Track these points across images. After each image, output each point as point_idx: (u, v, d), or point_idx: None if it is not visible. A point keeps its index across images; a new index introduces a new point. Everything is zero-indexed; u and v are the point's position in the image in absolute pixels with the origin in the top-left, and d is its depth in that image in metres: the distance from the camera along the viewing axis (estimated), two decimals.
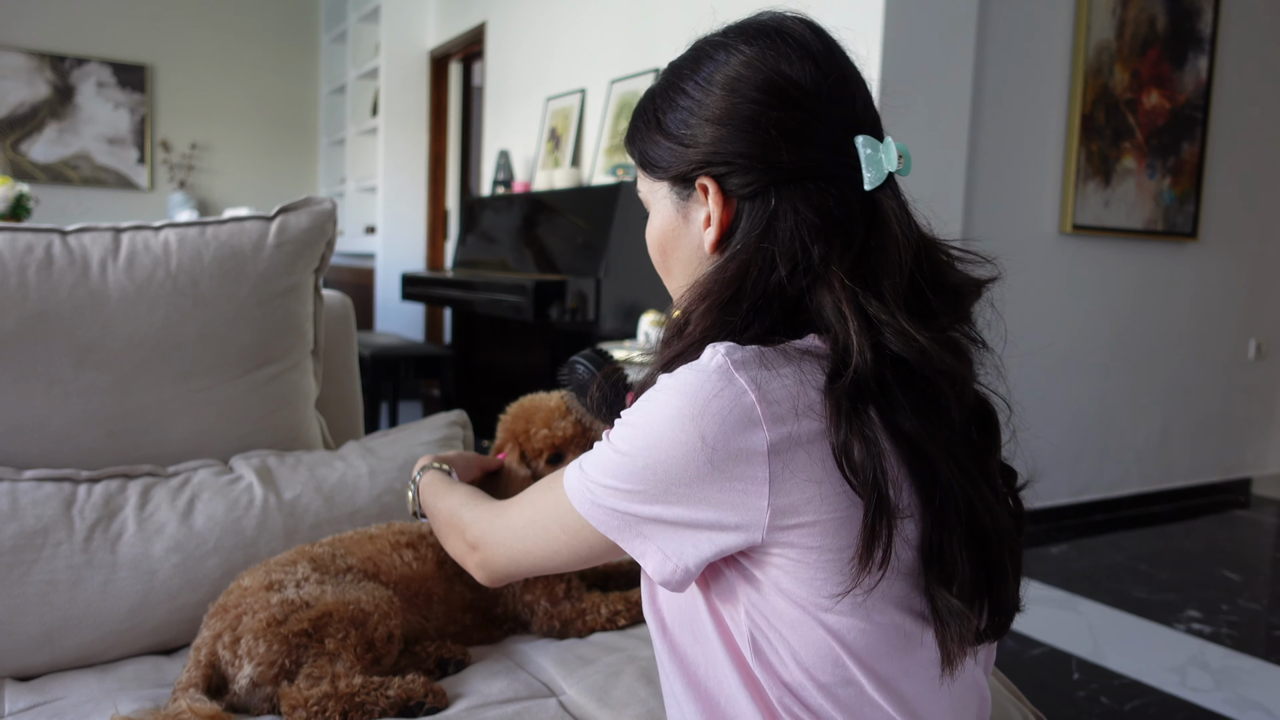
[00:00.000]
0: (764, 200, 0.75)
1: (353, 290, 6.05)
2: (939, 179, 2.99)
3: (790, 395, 0.69)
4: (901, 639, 0.73)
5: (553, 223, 3.98)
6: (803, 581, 0.70)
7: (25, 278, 1.20)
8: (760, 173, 0.74)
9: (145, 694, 1.06)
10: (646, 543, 0.73)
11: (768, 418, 0.68)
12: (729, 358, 0.69)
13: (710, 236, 0.78)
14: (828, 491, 0.69)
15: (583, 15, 4.34)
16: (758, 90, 0.75)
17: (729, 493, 0.69)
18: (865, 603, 0.71)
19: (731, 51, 0.78)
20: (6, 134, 5.90)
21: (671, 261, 0.84)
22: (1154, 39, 3.65)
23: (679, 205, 0.81)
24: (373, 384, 4.10)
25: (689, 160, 0.78)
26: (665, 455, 0.69)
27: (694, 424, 0.68)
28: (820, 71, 0.76)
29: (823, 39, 0.79)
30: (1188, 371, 4.03)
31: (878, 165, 0.74)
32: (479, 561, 0.89)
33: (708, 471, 0.68)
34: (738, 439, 0.67)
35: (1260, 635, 2.63)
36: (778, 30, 0.78)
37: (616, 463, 0.72)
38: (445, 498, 0.98)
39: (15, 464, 1.20)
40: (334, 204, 1.42)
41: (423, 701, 0.99)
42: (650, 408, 0.71)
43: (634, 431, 0.72)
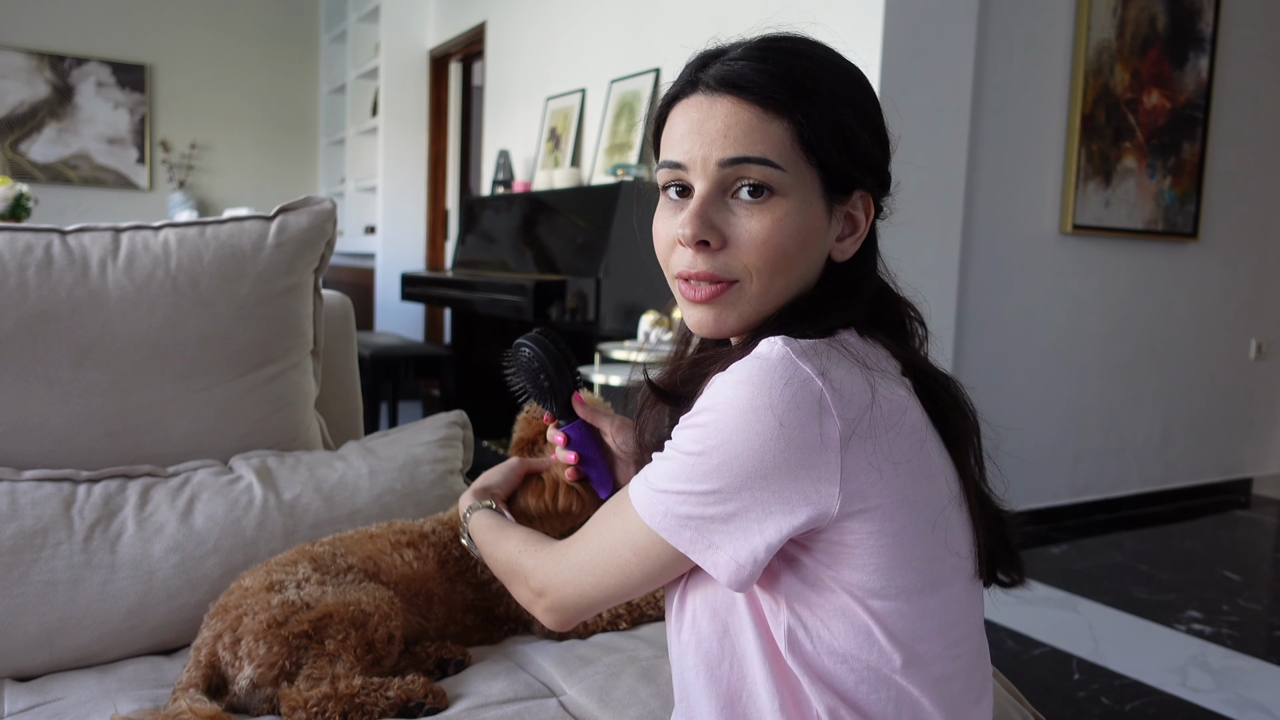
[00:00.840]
0: (878, 219, 0.82)
1: (353, 290, 6.05)
2: (939, 179, 2.99)
3: (855, 382, 0.70)
4: (942, 615, 0.76)
5: (553, 223, 3.98)
6: (857, 567, 0.72)
7: (25, 278, 1.20)
8: (885, 197, 0.82)
9: (145, 694, 1.05)
10: (718, 553, 0.72)
11: (837, 403, 0.69)
12: (788, 347, 0.70)
13: (850, 248, 0.81)
14: (889, 476, 0.70)
15: (583, 15, 4.34)
16: (871, 93, 0.81)
17: (802, 480, 0.69)
18: (917, 584, 0.73)
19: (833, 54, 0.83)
20: (6, 134, 5.90)
21: (796, 265, 0.77)
22: (1154, 39, 3.65)
23: (827, 206, 0.77)
24: (373, 384, 4.10)
25: (874, 165, 0.79)
26: (742, 447, 0.68)
27: (769, 411, 0.68)
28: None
29: None
30: (1188, 371, 4.03)
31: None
32: (548, 606, 0.84)
33: (783, 460, 0.68)
34: (813, 425, 0.68)
35: (1261, 635, 2.63)
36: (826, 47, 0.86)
37: (687, 465, 0.71)
38: (501, 544, 0.92)
39: (15, 464, 1.20)
40: (334, 204, 1.42)
41: (422, 702, 0.99)
42: (718, 402, 0.70)
43: (704, 430, 0.70)
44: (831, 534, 0.71)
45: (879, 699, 0.74)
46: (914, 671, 0.74)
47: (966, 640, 0.78)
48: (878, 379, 0.72)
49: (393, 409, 4.40)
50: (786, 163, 0.74)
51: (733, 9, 3.40)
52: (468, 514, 1.00)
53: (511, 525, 0.95)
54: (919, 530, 0.73)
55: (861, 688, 0.73)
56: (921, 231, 2.94)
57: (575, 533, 0.83)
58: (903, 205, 0.84)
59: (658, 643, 1.16)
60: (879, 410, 0.70)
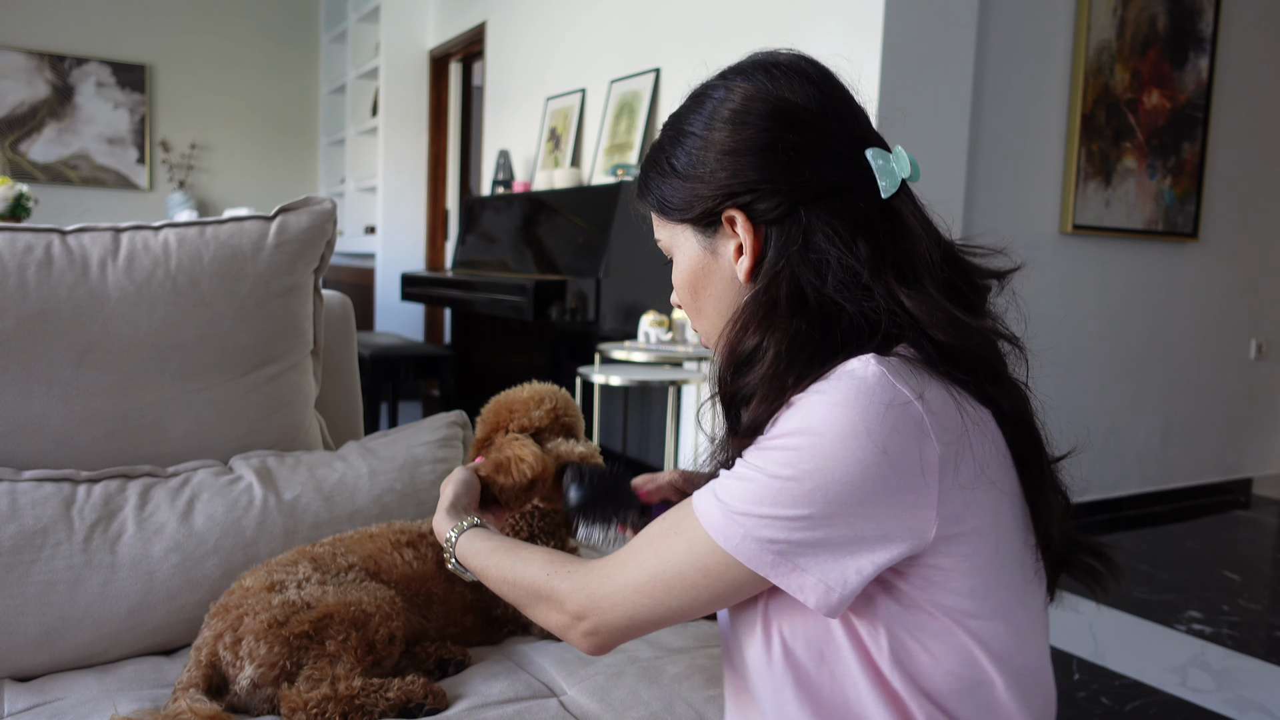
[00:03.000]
0: (794, 219, 0.76)
1: (353, 290, 6.05)
2: (939, 179, 2.99)
3: (946, 402, 0.71)
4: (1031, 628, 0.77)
5: (553, 223, 3.98)
6: (952, 590, 0.72)
7: (25, 278, 1.20)
8: (785, 194, 0.76)
9: (145, 694, 1.05)
10: (804, 575, 0.70)
11: (935, 427, 0.69)
12: (882, 366, 0.70)
13: (745, 265, 0.79)
14: (981, 495, 0.71)
15: (583, 15, 4.34)
16: (765, 118, 0.77)
17: (899, 505, 0.68)
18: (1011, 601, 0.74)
19: (731, 88, 0.80)
20: (6, 134, 5.90)
21: (704, 300, 0.84)
22: (1155, 39, 3.65)
23: (704, 243, 0.82)
24: (373, 384, 4.10)
25: (710, 196, 0.79)
26: (841, 473, 0.67)
27: (871, 438, 0.67)
28: (821, 93, 0.79)
29: (816, 66, 0.82)
30: (1188, 371, 4.03)
31: (891, 174, 0.77)
32: (588, 630, 0.80)
33: (883, 487, 0.68)
34: (915, 450, 0.68)
35: (1261, 636, 2.63)
36: (772, 63, 0.81)
37: (776, 489, 0.69)
38: (516, 566, 0.87)
39: (14, 464, 1.20)
40: (334, 204, 1.42)
41: (423, 703, 0.99)
42: (813, 424, 0.69)
43: (796, 454, 0.69)
44: (927, 558, 0.71)
45: (980, 713, 0.75)
46: (1012, 685, 0.75)
47: (1046, 647, 0.80)
48: (960, 396, 0.72)
49: (393, 409, 4.40)
50: (659, 230, 0.86)
51: (733, 9, 3.40)
52: (453, 536, 0.95)
53: (523, 545, 0.90)
54: (1010, 548, 0.74)
55: (965, 704, 0.74)
56: None
57: (620, 552, 0.80)
58: None
59: (658, 643, 1.16)
60: (971, 430, 0.71)
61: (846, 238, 0.75)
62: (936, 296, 0.75)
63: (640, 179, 0.86)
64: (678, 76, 3.70)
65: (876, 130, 0.82)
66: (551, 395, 1.20)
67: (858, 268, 0.74)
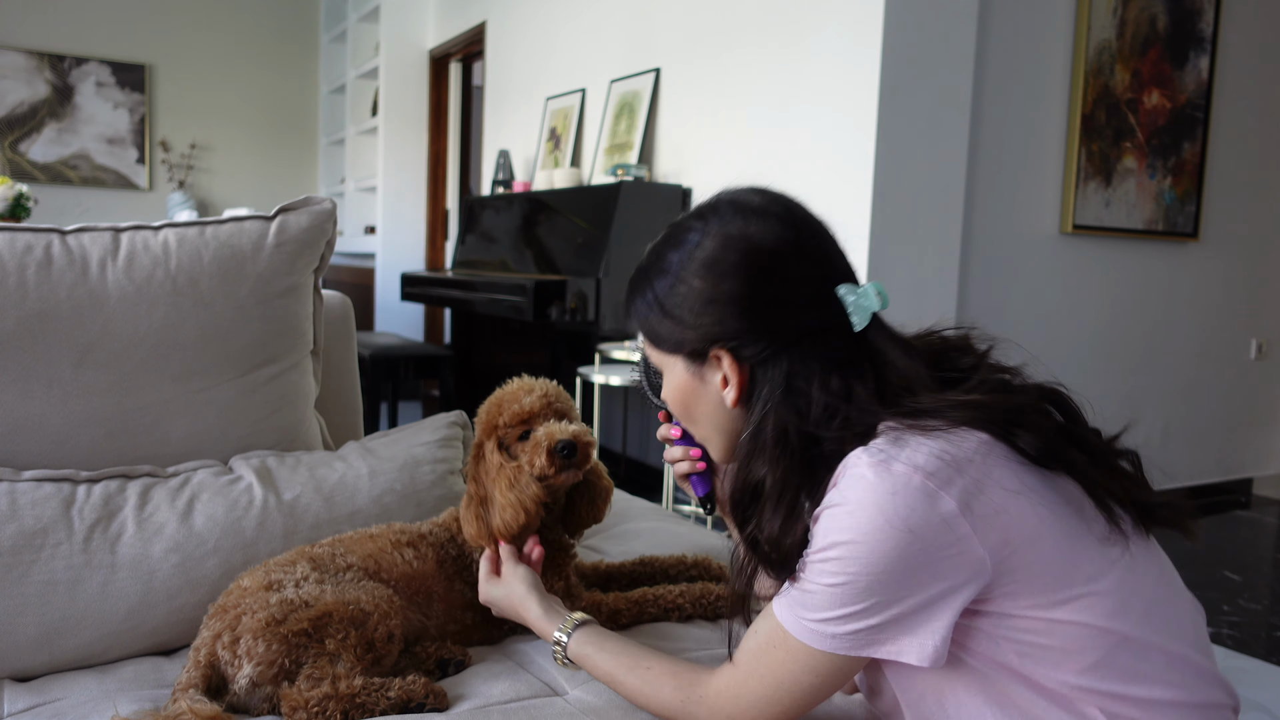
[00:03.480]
0: (776, 363, 0.85)
1: (353, 290, 6.05)
2: (939, 179, 2.99)
3: (938, 453, 0.77)
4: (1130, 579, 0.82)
5: (553, 223, 3.98)
6: (1036, 592, 0.78)
7: (24, 278, 1.20)
8: (766, 342, 0.84)
9: (145, 695, 1.05)
10: (896, 643, 0.79)
11: (939, 483, 0.76)
12: (872, 458, 0.77)
13: (731, 395, 0.87)
14: (1015, 508, 0.77)
15: (583, 15, 4.33)
16: (743, 267, 0.85)
17: (949, 561, 0.76)
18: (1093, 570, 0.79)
19: (708, 231, 0.87)
20: (5, 134, 5.90)
21: (695, 415, 0.93)
22: (1155, 38, 3.65)
23: (693, 370, 0.90)
24: (373, 384, 4.10)
25: (698, 339, 0.87)
26: (885, 565, 0.75)
27: (894, 526, 0.75)
28: (793, 235, 0.87)
29: (788, 208, 0.89)
30: (1189, 371, 4.03)
31: (862, 310, 0.85)
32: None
33: (926, 557, 0.76)
34: (934, 514, 0.75)
35: (1261, 636, 2.62)
36: (746, 206, 0.88)
37: (837, 595, 0.78)
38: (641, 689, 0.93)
39: (14, 464, 1.20)
40: (334, 204, 1.42)
41: (423, 703, 0.99)
42: (843, 536, 0.77)
43: (840, 563, 0.77)
44: (1002, 583, 0.78)
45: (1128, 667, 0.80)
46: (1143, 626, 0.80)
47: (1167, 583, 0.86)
48: (943, 439, 0.78)
49: (393, 409, 4.40)
50: (649, 352, 0.95)
51: (733, 9, 3.40)
52: (564, 638, 1.00)
53: (640, 655, 0.95)
54: (1069, 529, 0.79)
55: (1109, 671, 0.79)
56: (922, 232, 2.94)
57: (735, 668, 0.87)
58: (903, 205, 0.86)
59: (658, 647, 1.16)
60: (969, 464, 0.77)
61: (824, 376, 0.83)
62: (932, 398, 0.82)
63: (628, 298, 0.94)
64: (678, 76, 3.70)
65: (847, 261, 0.89)
66: (541, 384, 1.21)
67: (835, 404, 0.83)
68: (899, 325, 0.91)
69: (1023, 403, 0.83)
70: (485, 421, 1.19)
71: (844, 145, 2.89)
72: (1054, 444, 0.81)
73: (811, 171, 3.00)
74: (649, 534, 1.58)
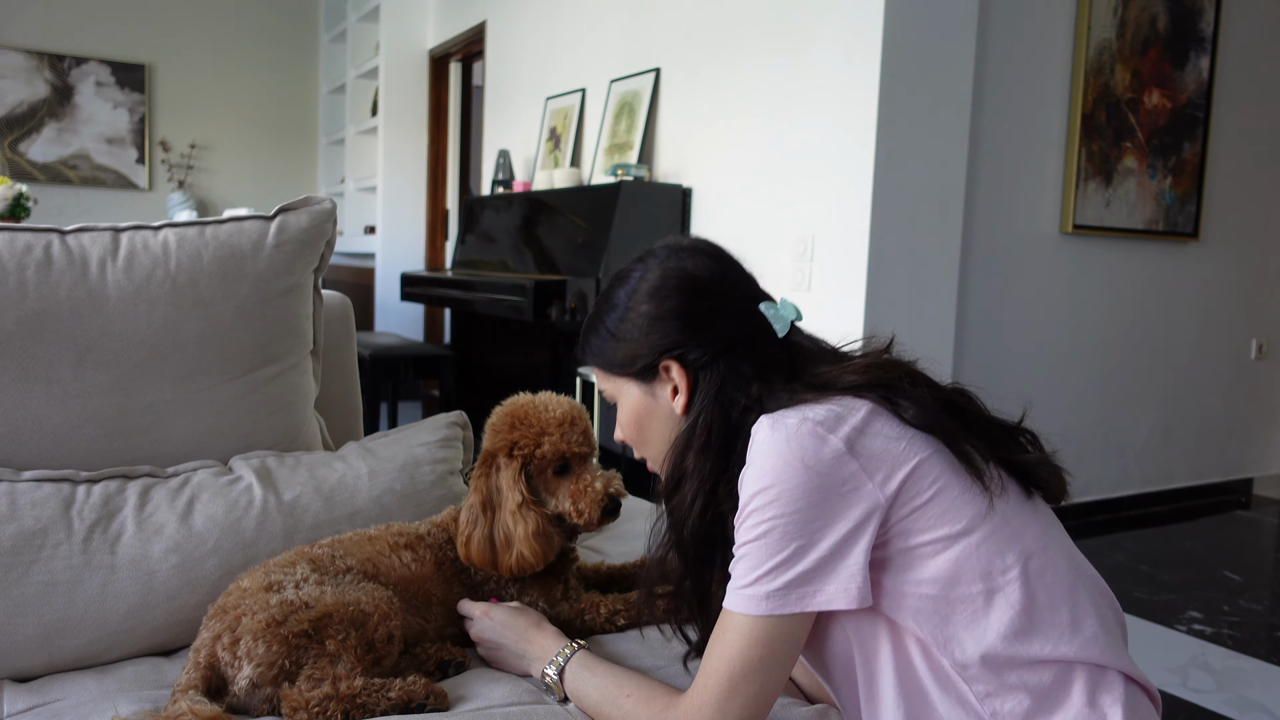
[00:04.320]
0: (715, 365, 0.97)
1: (352, 290, 6.05)
2: (939, 179, 2.99)
3: (824, 411, 0.89)
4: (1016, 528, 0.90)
5: (553, 223, 3.98)
6: (934, 519, 0.87)
7: (24, 278, 1.20)
8: (706, 347, 0.97)
9: (145, 695, 1.05)
10: (824, 591, 0.86)
11: (826, 429, 0.87)
12: (769, 419, 0.89)
13: (681, 401, 0.99)
14: (896, 451, 0.87)
15: (583, 15, 4.33)
16: (680, 290, 0.99)
17: (845, 497, 0.86)
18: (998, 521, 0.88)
19: (650, 267, 1.02)
20: (5, 134, 5.90)
21: (649, 434, 1.04)
22: (1155, 38, 3.64)
23: (645, 389, 1.02)
24: (373, 384, 4.10)
25: (648, 353, 0.99)
26: (793, 502, 0.85)
27: (791, 465, 0.85)
28: (718, 265, 1.02)
29: (713, 246, 1.05)
30: (1189, 371, 4.03)
31: (782, 320, 0.99)
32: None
33: (824, 492, 0.85)
34: (824, 451, 0.86)
35: (1261, 636, 2.62)
36: (679, 246, 1.04)
37: (761, 547, 0.86)
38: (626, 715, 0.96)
39: (14, 464, 1.20)
40: (333, 204, 1.42)
41: (424, 703, 0.98)
42: (756, 486, 0.87)
43: (758, 512, 0.86)
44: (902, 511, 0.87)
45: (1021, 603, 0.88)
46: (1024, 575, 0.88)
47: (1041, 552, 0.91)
48: (832, 403, 0.90)
49: (393, 409, 4.40)
50: (604, 383, 1.07)
51: (733, 9, 3.40)
52: (561, 666, 1.04)
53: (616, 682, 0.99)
54: (946, 477, 0.88)
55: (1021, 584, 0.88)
56: (921, 231, 2.94)
57: (696, 680, 0.91)
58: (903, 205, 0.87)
59: (655, 650, 1.15)
60: (854, 416, 0.89)
61: (750, 377, 0.96)
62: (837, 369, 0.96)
63: (581, 346, 1.08)
64: (678, 76, 3.70)
65: (762, 287, 1.04)
66: (581, 414, 1.19)
67: (757, 398, 0.95)
68: (899, 326, 0.96)
69: (903, 374, 0.94)
70: (509, 438, 1.16)
71: (844, 144, 2.88)
72: (930, 410, 0.90)
73: (811, 171, 3.00)
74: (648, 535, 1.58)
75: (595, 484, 1.14)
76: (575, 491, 1.14)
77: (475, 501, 1.16)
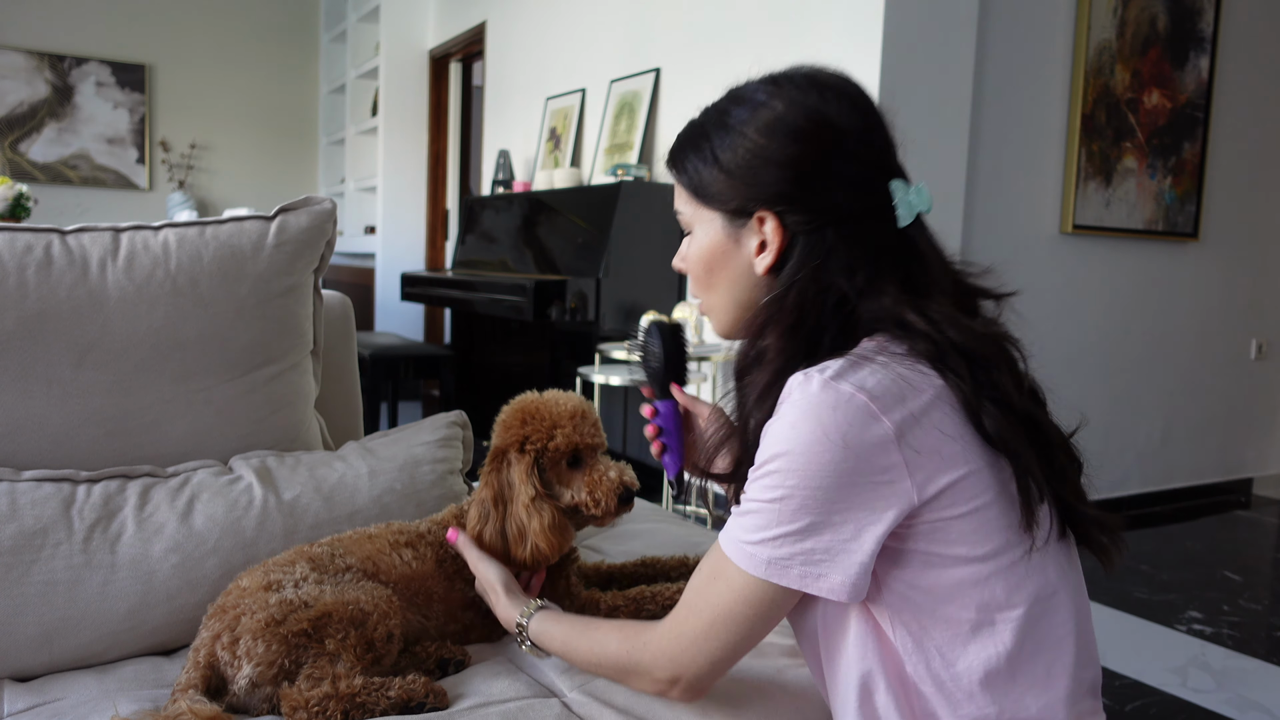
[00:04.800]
0: (819, 236, 0.85)
1: (353, 290, 6.05)
2: (940, 179, 2.99)
3: (887, 382, 0.78)
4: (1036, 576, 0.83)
5: (553, 223, 3.98)
6: (957, 536, 0.80)
7: (24, 278, 1.20)
8: (819, 213, 0.85)
9: (145, 695, 1.05)
10: (825, 579, 0.79)
11: (881, 409, 0.77)
12: (822, 375, 0.79)
13: (766, 262, 0.88)
14: (948, 454, 0.79)
15: (583, 15, 4.33)
16: (814, 139, 0.85)
17: (878, 485, 0.77)
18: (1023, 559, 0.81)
19: (783, 98, 0.86)
20: (5, 134, 5.90)
21: (715, 280, 0.93)
22: (1155, 38, 3.64)
23: (729, 230, 0.90)
24: (373, 384, 4.10)
25: (747, 197, 0.87)
26: (818, 479, 0.77)
27: (828, 439, 0.76)
28: (864, 119, 0.87)
29: (861, 92, 0.89)
30: (1189, 371, 4.03)
31: (910, 207, 0.86)
32: (684, 689, 0.88)
33: (855, 475, 0.77)
34: (868, 436, 0.76)
35: (1261, 636, 2.62)
36: (823, 82, 0.88)
37: (773, 512, 0.79)
38: (596, 648, 0.94)
39: (14, 464, 1.20)
40: (334, 204, 1.42)
41: (424, 702, 0.98)
42: (782, 447, 0.78)
43: (778, 475, 0.79)
44: (925, 515, 0.79)
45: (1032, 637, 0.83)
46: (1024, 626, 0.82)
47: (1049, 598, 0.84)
48: (903, 369, 0.79)
49: (393, 409, 4.40)
50: (685, 206, 0.94)
51: (733, 9, 3.40)
52: (524, 621, 1.02)
53: (591, 623, 0.97)
54: (988, 497, 0.80)
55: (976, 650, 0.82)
56: None
57: (677, 609, 0.88)
58: None
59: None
60: (917, 398, 0.78)
61: (860, 258, 0.84)
62: (949, 309, 0.84)
63: (676, 153, 0.93)
64: (678, 76, 3.70)
65: (900, 162, 0.90)
66: (590, 408, 1.19)
67: (857, 290, 0.84)
68: None
69: (1003, 360, 0.84)
70: (521, 433, 1.16)
71: None
72: (1009, 424, 0.81)
73: None
74: (649, 534, 1.58)
75: (609, 473, 1.14)
76: (590, 482, 1.14)
77: (486, 497, 1.15)
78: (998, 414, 0.80)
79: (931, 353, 0.81)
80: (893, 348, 0.82)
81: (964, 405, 0.80)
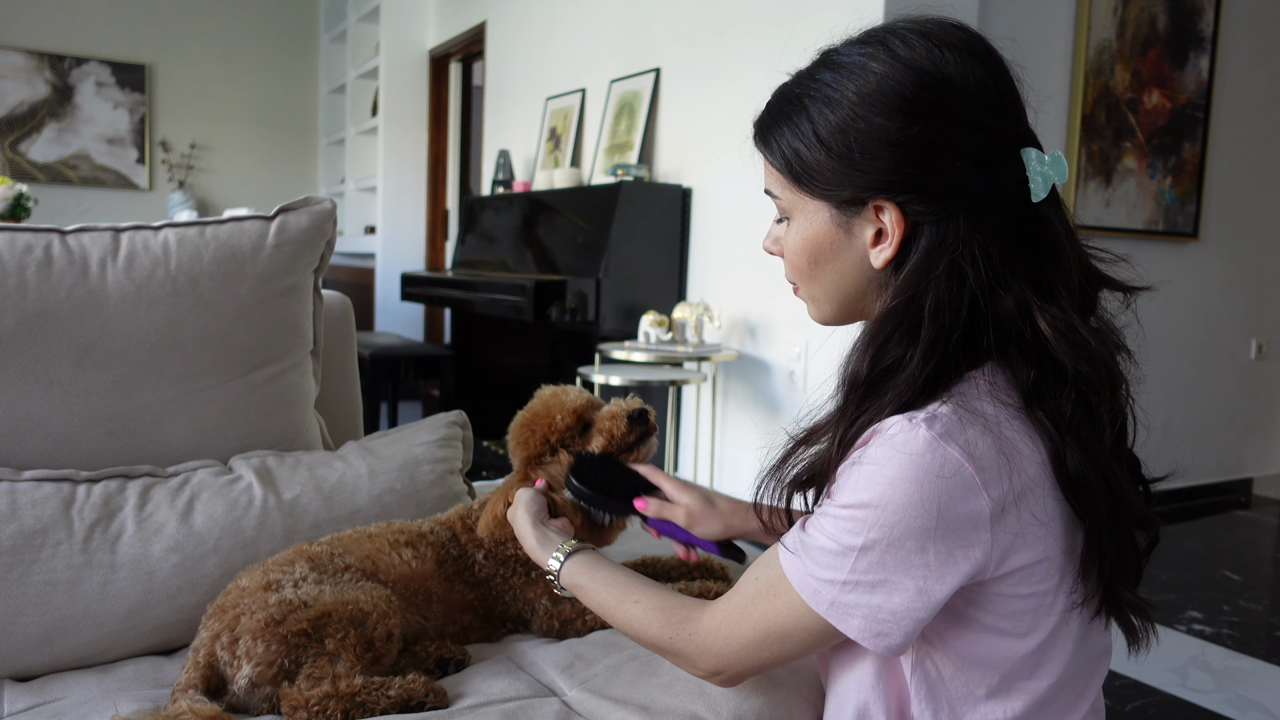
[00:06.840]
0: (949, 225, 0.74)
1: (353, 290, 6.05)
2: None
3: (995, 452, 0.72)
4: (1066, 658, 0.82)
5: (553, 223, 3.98)
6: (1007, 614, 0.77)
7: (24, 278, 1.20)
8: (949, 199, 0.73)
9: (145, 694, 1.05)
10: (884, 639, 0.75)
11: (985, 482, 0.71)
12: (930, 430, 0.71)
13: (886, 254, 0.77)
14: (1031, 536, 0.74)
15: (583, 15, 4.33)
16: (937, 112, 0.72)
17: (959, 559, 0.73)
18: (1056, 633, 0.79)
19: (894, 63, 0.74)
20: (6, 134, 5.90)
21: (822, 272, 0.82)
22: (1155, 39, 3.64)
23: (839, 220, 0.79)
24: (373, 384, 4.10)
25: (864, 185, 0.75)
26: (904, 539, 0.72)
27: (927, 508, 0.70)
28: (992, 81, 0.74)
29: (985, 45, 0.76)
30: (1189, 371, 4.03)
31: (1046, 179, 0.75)
32: (724, 680, 0.88)
33: (942, 545, 0.72)
34: (965, 509, 0.71)
35: (1261, 636, 2.63)
36: (938, 36, 0.74)
37: (852, 557, 0.74)
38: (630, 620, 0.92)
39: (14, 464, 1.20)
40: (334, 204, 1.42)
41: (424, 701, 0.99)
42: (875, 498, 0.72)
43: (863, 524, 0.73)
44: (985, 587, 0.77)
45: None
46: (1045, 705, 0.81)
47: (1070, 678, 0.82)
48: (1011, 432, 0.73)
49: (393, 409, 4.40)
50: (782, 191, 0.82)
51: (733, 9, 3.40)
52: (561, 558, 0.99)
53: (629, 583, 0.94)
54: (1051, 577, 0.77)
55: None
56: None
57: (726, 610, 0.84)
58: None
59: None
60: (1020, 475, 0.73)
61: (996, 249, 0.74)
62: (1070, 316, 0.75)
63: (767, 125, 0.82)
64: (678, 76, 3.70)
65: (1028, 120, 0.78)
66: (573, 388, 1.22)
67: (997, 284, 0.74)
68: None
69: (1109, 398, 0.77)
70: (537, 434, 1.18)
71: None
72: (1096, 492, 0.75)
73: None
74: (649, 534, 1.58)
75: (606, 409, 1.17)
76: (598, 421, 1.17)
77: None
78: (1084, 475, 0.75)
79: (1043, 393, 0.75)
80: (1003, 396, 0.75)
81: (1056, 469, 0.75)
